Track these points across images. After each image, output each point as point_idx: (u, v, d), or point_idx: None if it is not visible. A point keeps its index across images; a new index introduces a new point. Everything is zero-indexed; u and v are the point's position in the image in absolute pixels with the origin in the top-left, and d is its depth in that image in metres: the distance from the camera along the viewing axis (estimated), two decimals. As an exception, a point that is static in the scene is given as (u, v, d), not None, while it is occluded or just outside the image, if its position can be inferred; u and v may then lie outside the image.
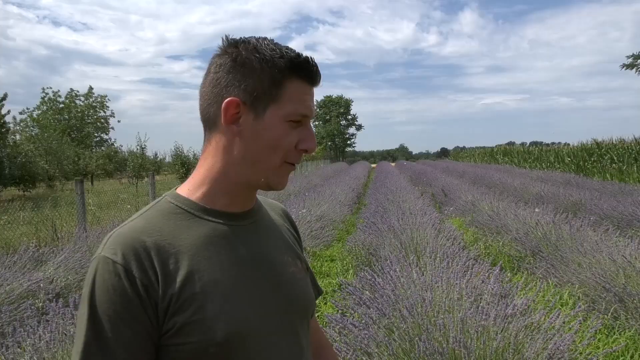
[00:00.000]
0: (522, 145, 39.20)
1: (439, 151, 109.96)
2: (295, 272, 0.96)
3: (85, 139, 42.12)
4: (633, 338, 3.55)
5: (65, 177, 25.48)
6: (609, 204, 8.16)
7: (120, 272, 0.77)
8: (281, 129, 0.86)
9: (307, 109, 0.87)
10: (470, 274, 3.16)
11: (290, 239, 1.03)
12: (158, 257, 0.80)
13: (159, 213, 0.87)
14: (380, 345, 2.56)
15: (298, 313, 0.93)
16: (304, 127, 0.88)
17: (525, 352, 2.45)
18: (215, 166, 0.89)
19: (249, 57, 0.85)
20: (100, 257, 0.79)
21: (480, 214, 8.36)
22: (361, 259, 5.70)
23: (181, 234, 0.84)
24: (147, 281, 0.78)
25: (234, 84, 0.85)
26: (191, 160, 25.17)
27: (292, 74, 0.85)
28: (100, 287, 0.77)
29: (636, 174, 17.38)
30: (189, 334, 0.78)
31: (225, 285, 0.83)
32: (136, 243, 0.80)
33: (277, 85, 0.85)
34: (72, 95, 43.22)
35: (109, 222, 8.19)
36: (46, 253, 4.81)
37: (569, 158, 25.03)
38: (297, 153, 0.88)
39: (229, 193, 0.90)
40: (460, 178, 18.30)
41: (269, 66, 0.84)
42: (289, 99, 0.85)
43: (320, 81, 0.91)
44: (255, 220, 0.95)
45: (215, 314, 0.80)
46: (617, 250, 4.50)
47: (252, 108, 0.85)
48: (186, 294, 0.79)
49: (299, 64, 0.86)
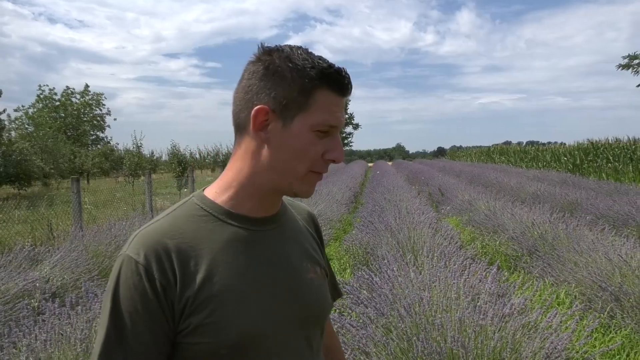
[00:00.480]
0: (518, 145, 39.31)
1: (436, 150, 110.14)
2: (314, 279, 0.97)
3: (81, 137, 41.99)
4: (629, 337, 3.56)
5: (61, 175, 25.36)
6: (605, 204, 8.18)
7: (141, 272, 0.81)
8: (308, 139, 0.86)
9: (336, 120, 0.88)
10: (467, 273, 3.16)
11: (311, 244, 1.04)
12: (178, 260, 0.83)
13: (184, 214, 0.90)
14: (378, 345, 2.56)
15: (313, 319, 0.95)
16: (331, 138, 0.89)
17: (523, 352, 2.45)
18: (242, 171, 0.91)
19: (281, 66, 0.86)
20: (125, 256, 0.83)
21: (476, 213, 8.37)
22: (358, 258, 5.70)
23: (203, 237, 0.87)
24: (166, 282, 0.81)
25: (265, 91, 0.87)
26: (188, 159, 25.12)
27: (322, 84, 0.86)
28: (123, 284, 0.81)
29: (632, 174, 17.46)
30: (202, 335, 0.81)
31: (241, 290, 0.85)
32: (158, 245, 0.83)
33: (307, 95, 0.86)
34: (68, 92, 43.09)
35: (105, 221, 8.16)
36: (42, 252, 4.79)
37: (565, 157, 25.10)
38: (323, 162, 0.89)
39: (255, 198, 0.91)
40: (457, 177, 18.32)
41: (299, 75, 0.85)
42: (317, 109, 0.86)
43: (350, 92, 0.91)
44: (278, 225, 0.96)
45: (229, 317, 0.82)
46: (613, 249, 4.51)
47: (281, 116, 0.86)
48: (202, 297, 0.82)
49: (329, 75, 0.86)
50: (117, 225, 6.17)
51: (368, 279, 3.63)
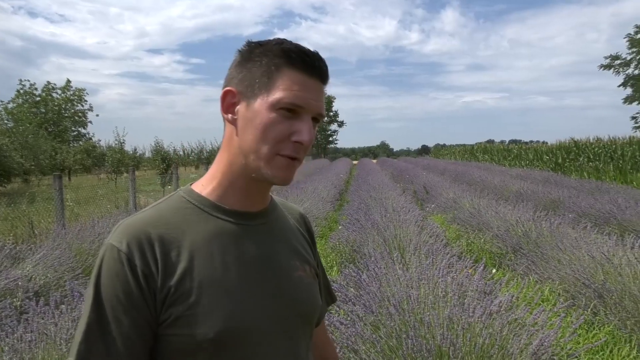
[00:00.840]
0: (501, 143, 39.72)
1: (420, 148, 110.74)
2: (303, 277, 0.95)
3: (62, 133, 41.35)
4: (612, 333, 3.62)
5: (41, 172, 24.97)
6: (586, 202, 8.31)
7: (123, 260, 0.80)
8: (269, 117, 0.84)
9: (299, 99, 0.84)
10: (455, 271, 3.18)
11: (302, 243, 1.02)
12: (161, 249, 0.82)
13: (170, 206, 0.89)
14: (366, 343, 2.56)
15: (300, 318, 0.92)
16: (300, 120, 0.86)
17: (510, 348, 2.48)
18: (222, 160, 0.91)
19: (253, 51, 0.88)
20: (108, 245, 0.83)
21: (461, 211, 8.43)
22: (345, 255, 5.71)
23: (188, 228, 0.86)
24: (148, 271, 0.80)
25: (235, 75, 0.89)
26: (172, 156, 24.91)
27: (286, 63, 0.85)
28: (105, 272, 0.80)
29: (612, 173, 17.77)
30: (182, 327, 0.80)
31: (224, 284, 0.84)
32: (141, 234, 0.82)
33: (270, 74, 0.85)
34: (49, 88, 42.37)
35: (87, 219, 8.05)
36: (24, 250, 4.70)
37: (547, 156, 25.45)
38: (291, 145, 0.85)
39: (238, 189, 0.90)
40: (442, 175, 18.45)
41: (265, 57, 0.86)
42: (279, 88, 0.84)
43: (326, 76, 0.89)
44: (266, 221, 0.94)
45: (209, 310, 0.81)
46: (596, 247, 4.58)
47: (245, 97, 0.87)
48: (183, 288, 0.81)
49: (293, 53, 0.85)
50: (101, 223, 6.09)
51: (355, 276, 3.64)
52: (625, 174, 17.15)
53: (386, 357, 2.43)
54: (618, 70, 21.26)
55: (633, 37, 20.27)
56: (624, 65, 21.10)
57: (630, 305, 3.63)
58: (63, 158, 29.37)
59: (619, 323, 3.67)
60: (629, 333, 3.55)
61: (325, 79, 0.89)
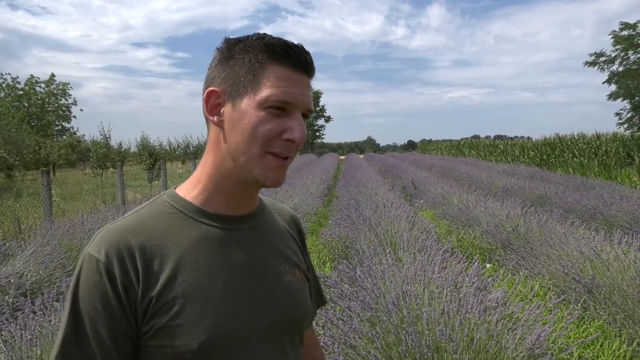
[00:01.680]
0: (487, 139, 40.07)
1: (406, 144, 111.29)
2: (292, 282, 0.92)
3: (46, 128, 40.78)
4: (602, 327, 3.69)
5: (25, 167, 24.61)
6: (573, 198, 8.42)
7: (102, 271, 0.77)
8: (257, 116, 0.81)
9: (288, 96, 0.81)
10: (451, 266, 3.21)
11: (291, 246, 0.99)
12: (142, 258, 0.79)
13: (153, 212, 0.86)
14: (364, 338, 2.58)
15: (288, 324, 0.90)
16: (289, 117, 0.83)
17: (506, 343, 2.51)
18: (208, 162, 0.87)
19: (233, 49, 0.84)
20: (86, 254, 0.80)
21: (450, 207, 8.50)
22: (338, 251, 5.72)
23: (171, 235, 0.83)
24: (128, 282, 0.77)
25: (218, 75, 0.85)
26: (158, 151, 24.69)
27: (270, 59, 0.82)
28: (83, 283, 0.78)
29: (596, 168, 18.01)
30: (165, 338, 0.78)
31: (209, 292, 0.81)
32: (121, 243, 0.79)
33: (255, 72, 0.82)
34: (32, 81, 41.72)
35: (74, 215, 7.96)
36: (13, 247, 4.64)
37: (532, 152, 25.73)
38: (282, 143, 0.83)
39: (225, 192, 0.87)
40: (429, 171, 18.57)
41: (248, 54, 0.83)
42: (266, 85, 0.81)
43: (312, 69, 0.86)
44: (253, 225, 0.91)
45: (194, 320, 0.78)
46: (584, 242, 4.65)
47: (231, 97, 0.83)
48: (166, 298, 0.78)
49: (277, 48, 0.82)
50: (90, 219, 6.03)
51: (350, 272, 3.65)
52: (610, 169, 17.41)
53: (385, 353, 2.45)
54: (603, 67, 21.55)
55: (617, 34, 20.53)
56: (609, 62, 21.39)
57: (620, 300, 3.69)
58: (47, 153, 28.95)
59: (608, 318, 3.74)
60: (618, 327, 3.61)
61: (312, 72, 0.86)
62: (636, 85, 19.87)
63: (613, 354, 3.35)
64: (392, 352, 2.45)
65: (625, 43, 20.40)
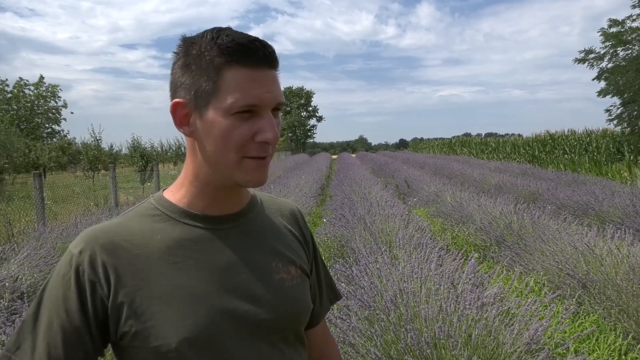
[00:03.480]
0: (478, 137, 40.26)
1: (398, 142, 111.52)
2: (285, 279, 0.91)
3: (35, 130, 40.46)
4: (597, 322, 3.72)
5: (15, 170, 24.41)
6: (564, 194, 8.48)
7: (72, 264, 0.79)
8: (226, 124, 0.79)
9: (253, 98, 0.78)
10: (448, 264, 3.23)
11: (288, 242, 0.97)
12: (118, 258, 0.80)
13: (138, 214, 0.87)
14: (362, 336, 2.59)
15: (278, 322, 0.88)
16: (260, 117, 0.80)
17: (503, 339, 2.53)
18: (189, 168, 0.88)
19: (190, 52, 0.81)
20: (67, 249, 0.82)
21: (444, 205, 8.54)
22: (333, 251, 5.73)
23: (153, 235, 0.83)
24: (96, 279, 0.78)
25: (179, 84, 0.82)
26: (150, 152, 24.59)
27: (227, 62, 0.78)
28: (55, 274, 0.81)
29: (587, 165, 18.15)
30: (145, 339, 0.78)
31: (189, 292, 0.80)
32: (99, 241, 0.81)
33: (213, 78, 0.78)
34: (20, 84, 41.38)
35: (66, 218, 7.92)
36: (6, 250, 4.60)
37: (524, 149, 25.88)
38: (257, 146, 0.81)
39: (207, 195, 0.87)
40: (422, 169, 18.63)
41: (203, 60, 0.79)
42: (228, 90, 0.78)
43: (273, 60, 0.81)
44: (239, 224, 0.90)
45: (173, 321, 0.78)
46: (578, 237, 4.69)
47: (196, 107, 0.81)
48: (141, 299, 0.79)
49: (230, 49, 0.78)
50: (83, 222, 6.00)
51: (346, 271, 3.66)
52: (600, 165, 17.54)
53: (384, 351, 2.46)
54: (592, 63, 21.71)
55: (606, 31, 20.69)
56: (598, 59, 21.55)
57: (614, 294, 3.73)
58: (37, 155, 28.73)
59: (603, 312, 3.77)
60: (613, 322, 3.65)
61: (275, 64, 0.82)
62: (625, 81, 20.03)
63: (608, 347, 3.38)
64: (391, 350, 2.46)
65: (614, 40, 20.57)
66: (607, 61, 21.55)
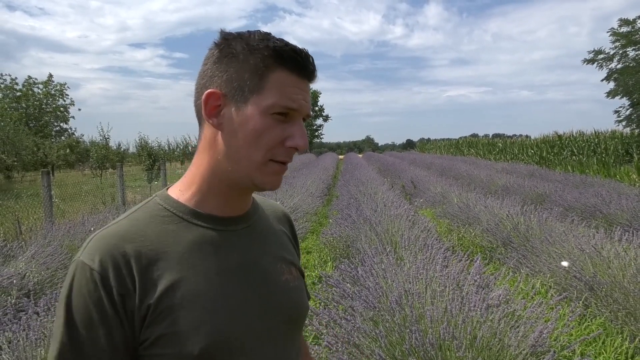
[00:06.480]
0: (486, 137, 40.10)
1: (405, 143, 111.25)
2: (289, 280, 0.92)
3: (44, 128, 40.71)
4: (604, 325, 3.70)
5: (24, 168, 24.58)
6: (572, 196, 8.43)
7: (97, 280, 0.74)
8: (262, 122, 0.80)
9: (294, 102, 0.81)
10: (454, 265, 3.22)
11: (286, 244, 0.98)
12: (138, 266, 0.77)
13: (146, 215, 0.84)
14: (367, 337, 2.59)
15: (289, 323, 0.89)
16: (292, 123, 0.82)
17: (509, 341, 2.52)
18: (203, 164, 0.85)
19: (235, 48, 0.81)
20: (78, 262, 0.77)
21: (450, 206, 8.51)
22: (339, 251, 5.73)
23: (167, 239, 0.81)
24: (124, 291, 0.75)
25: (218, 74, 0.82)
26: (157, 151, 24.69)
27: (276, 63, 0.80)
28: (77, 293, 0.75)
29: (595, 166, 18.02)
30: (165, 346, 0.76)
31: (208, 296, 0.80)
32: (115, 250, 0.77)
33: (260, 76, 0.80)
34: (29, 82, 41.65)
35: (74, 215, 7.97)
36: (14, 248, 4.64)
37: (532, 150, 25.75)
38: (285, 150, 0.82)
39: (219, 194, 0.86)
40: (428, 170, 18.58)
41: (253, 56, 0.80)
42: (272, 90, 0.80)
43: (315, 76, 0.85)
44: (249, 225, 0.91)
45: (194, 326, 0.77)
46: (585, 240, 4.66)
47: (234, 100, 0.81)
48: (164, 305, 0.77)
49: (284, 53, 0.80)
50: (91, 219, 6.04)
51: (352, 272, 3.66)
52: (609, 167, 17.42)
53: (389, 352, 2.45)
54: (601, 64, 21.55)
55: (616, 31, 20.52)
56: (607, 59, 21.38)
57: (621, 297, 3.70)
58: (46, 153, 28.91)
59: (610, 315, 3.75)
60: (620, 325, 3.62)
61: (314, 78, 0.85)
62: (635, 82, 19.86)
63: (615, 351, 3.36)
64: (396, 351, 2.45)
65: (624, 40, 20.39)
66: (617, 62, 21.38)
